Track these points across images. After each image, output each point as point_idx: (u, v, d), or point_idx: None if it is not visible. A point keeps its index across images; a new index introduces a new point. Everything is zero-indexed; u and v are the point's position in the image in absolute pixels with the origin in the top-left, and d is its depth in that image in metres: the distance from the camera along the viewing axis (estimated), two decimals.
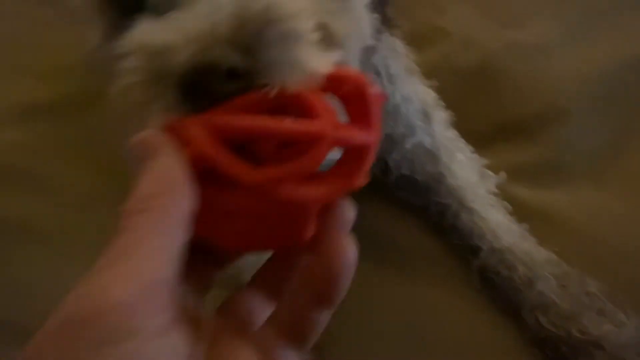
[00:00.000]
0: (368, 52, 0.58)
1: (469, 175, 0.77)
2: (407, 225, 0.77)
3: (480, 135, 0.86)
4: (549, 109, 0.87)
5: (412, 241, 0.75)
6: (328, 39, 0.36)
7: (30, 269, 0.78)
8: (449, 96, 0.83)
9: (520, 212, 0.77)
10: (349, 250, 0.30)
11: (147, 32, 0.32)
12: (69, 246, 0.80)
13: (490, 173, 0.80)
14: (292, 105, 0.30)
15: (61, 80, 0.99)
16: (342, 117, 0.31)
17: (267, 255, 0.36)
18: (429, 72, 0.84)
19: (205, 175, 0.28)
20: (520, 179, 0.82)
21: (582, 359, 0.64)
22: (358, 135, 0.31)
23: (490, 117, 0.88)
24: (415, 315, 0.70)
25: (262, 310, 0.34)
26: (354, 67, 0.39)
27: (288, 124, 0.28)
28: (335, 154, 0.31)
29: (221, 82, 0.30)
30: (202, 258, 0.33)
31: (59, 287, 0.75)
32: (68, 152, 0.91)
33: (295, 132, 0.29)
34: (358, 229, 0.73)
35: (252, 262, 0.41)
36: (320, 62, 0.31)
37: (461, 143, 0.81)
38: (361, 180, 0.32)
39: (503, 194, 0.79)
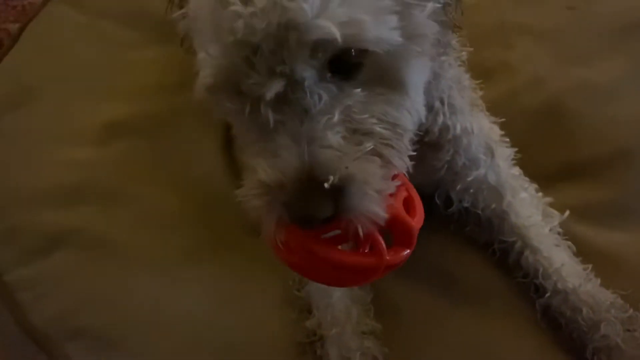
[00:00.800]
0: (433, 80, 0.62)
1: (533, 214, 0.79)
2: (472, 260, 0.79)
3: (545, 174, 0.87)
4: (615, 150, 0.88)
5: (476, 277, 0.77)
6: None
7: (112, 281, 0.83)
8: (514, 133, 0.84)
9: (584, 251, 0.78)
10: None
11: (265, 171, 0.48)
12: (150, 263, 0.85)
13: (555, 212, 0.81)
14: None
15: (141, 100, 1.04)
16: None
17: None
18: (494, 108, 0.86)
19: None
20: (585, 218, 0.83)
21: None
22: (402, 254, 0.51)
23: (556, 157, 0.90)
24: (479, 349, 0.73)
25: None
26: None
27: (354, 257, 0.50)
28: None
29: (314, 212, 0.47)
30: None
31: (139, 300, 0.81)
32: (148, 172, 0.96)
33: (357, 263, 0.50)
34: (425, 264, 0.76)
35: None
36: (382, 210, 0.48)
37: (525, 181, 0.82)
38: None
39: (567, 233, 0.80)
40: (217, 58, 0.48)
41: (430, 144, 0.69)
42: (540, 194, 0.83)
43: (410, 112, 0.54)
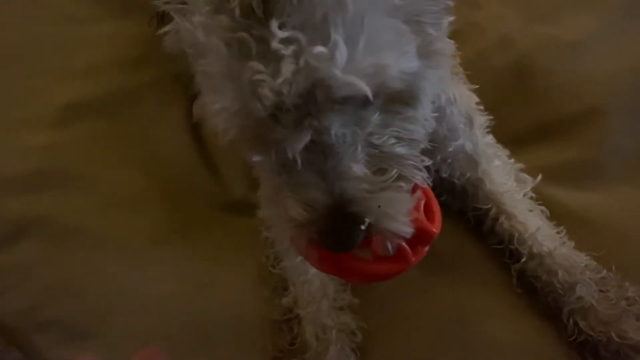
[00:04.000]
0: None
1: (507, 181, 0.78)
2: (445, 229, 0.78)
3: (516, 136, 0.87)
4: (586, 108, 0.87)
5: (451, 245, 0.76)
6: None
7: (80, 269, 0.81)
8: (484, 95, 0.82)
9: (557, 214, 0.78)
10: None
11: (296, 210, 0.50)
12: (119, 247, 0.83)
13: (527, 177, 0.80)
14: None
15: (100, 78, 1.00)
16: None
17: None
18: (464, 70, 0.84)
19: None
20: (557, 180, 0.82)
21: None
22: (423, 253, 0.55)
23: (527, 118, 0.89)
24: (456, 317, 0.72)
25: None
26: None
27: (384, 265, 0.54)
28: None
29: (348, 244, 0.50)
30: None
31: (109, 286, 0.79)
32: (111, 153, 0.93)
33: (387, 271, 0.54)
34: None
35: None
36: (409, 228, 0.51)
37: (498, 148, 0.82)
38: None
39: (540, 196, 0.79)
40: (241, 117, 0.48)
41: None
42: (512, 160, 0.82)
43: (424, 124, 0.55)
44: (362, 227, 0.49)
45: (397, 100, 0.51)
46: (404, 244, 0.52)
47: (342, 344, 0.70)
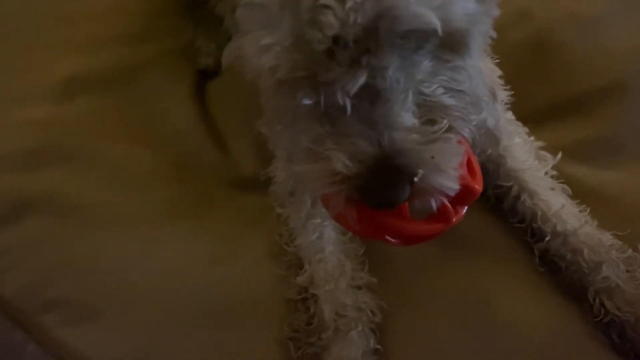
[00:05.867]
0: None
1: (528, 158, 0.76)
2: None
3: (536, 113, 0.85)
4: (607, 83, 0.85)
5: (471, 224, 0.73)
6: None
7: (85, 247, 0.79)
8: (503, 71, 0.79)
9: (578, 193, 0.76)
10: None
11: (342, 162, 0.46)
12: (125, 224, 0.81)
13: (547, 155, 0.78)
14: None
15: (103, 51, 0.96)
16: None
17: None
18: None
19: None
20: (577, 158, 0.80)
21: None
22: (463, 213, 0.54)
23: (546, 94, 0.87)
24: (476, 297, 0.71)
25: None
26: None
27: (426, 226, 0.52)
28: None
29: (395, 198, 0.47)
30: None
31: (116, 265, 0.78)
32: (115, 128, 0.90)
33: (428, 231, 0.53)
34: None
35: None
36: (455, 184, 0.48)
37: (518, 125, 0.79)
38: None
39: (561, 174, 0.77)
40: (294, 51, 0.44)
41: None
42: (532, 138, 0.80)
43: (472, 75, 0.51)
44: (415, 179, 0.45)
45: (447, 46, 0.47)
46: (446, 202, 0.50)
47: (361, 323, 0.68)
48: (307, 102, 0.47)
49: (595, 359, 0.66)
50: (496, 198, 0.76)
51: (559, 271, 0.70)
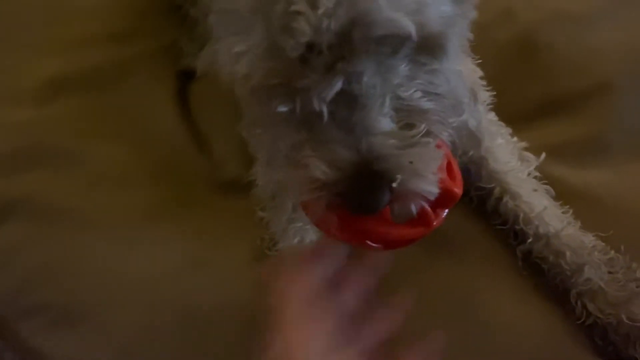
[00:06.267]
0: None
1: (510, 159, 0.75)
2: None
3: (519, 113, 0.84)
4: (592, 83, 0.84)
5: (453, 225, 0.73)
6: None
7: (68, 250, 0.78)
8: (486, 72, 0.79)
9: (561, 193, 0.75)
10: None
11: (320, 169, 0.45)
12: (108, 227, 0.80)
13: (531, 155, 0.78)
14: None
15: (85, 52, 0.95)
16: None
17: None
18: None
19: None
20: (561, 158, 0.79)
21: (631, 346, 0.63)
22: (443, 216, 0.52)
23: (530, 94, 0.86)
24: (459, 300, 0.70)
25: None
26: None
27: (407, 230, 0.51)
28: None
29: (375, 204, 0.46)
30: None
31: (99, 269, 0.76)
32: (98, 129, 0.89)
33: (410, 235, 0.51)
34: None
35: None
36: (435, 188, 0.47)
37: (501, 126, 0.79)
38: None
39: (544, 175, 0.77)
40: (268, 59, 0.43)
41: None
42: (515, 138, 0.79)
43: (449, 78, 0.50)
44: (394, 185, 0.45)
45: (423, 50, 0.47)
46: (426, 206, 0.49)
47: None
48: (282, 109, 0.46)
49: None
50: (479, 200, 0.75)
51: (541, 273, 0.70)
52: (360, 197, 0.46)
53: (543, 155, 0.78)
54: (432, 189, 0.47)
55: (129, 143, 0.88)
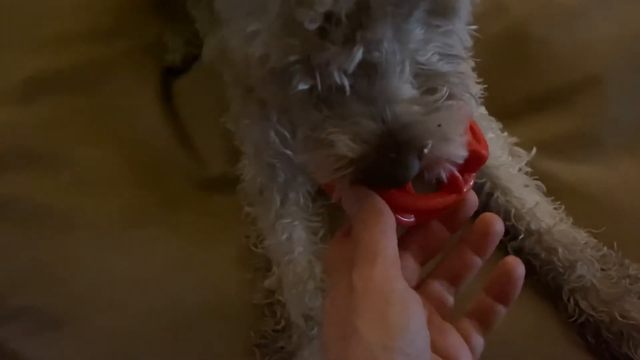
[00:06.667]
0: None
1: (501, 154, 0.74)
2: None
3: (509, 108, 0.82)
4: (582, 78, 0.82)
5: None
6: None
7: (51, 253, 0.76)
8: (476, 65, 0.77)
9: (553, 188, 0.74)
10: (518, 269, 0.49)
11: (347, 145, 0.44)
12: (91, 229, 0.79)
13: (522, 151, 0.76)
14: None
15: (68, 51, 0.94)
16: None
17: None
18: None
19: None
20: (552, 153, 0.78)
21: (624, 344, 0.62)
22: (472, 182, 0.51)
23: (520, 88, 0.85)
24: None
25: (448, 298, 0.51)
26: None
27: (439, 199, 0.49)
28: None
29: (406, 175, 0.44)
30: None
31: (82, 271, 0.75)
32: (81, 130, 0.88)
33: (441, 205, 0.49)
34: None
35: None
36: (463, 151, 0.46)
37: (492, 121, 0.77)
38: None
39: (535, 170, 0.76)
40: (285, 35, 0.41)
41: None
42: (505, 133, 0.78)
43: (462, 38, 0.50)
44: (425, 151, 0.43)
45: (436, 12, 0.45)
46: (455, 172, 0.48)
47: None
48: (303, 87, 0.44)
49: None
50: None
51: (533, 270, 0.68)
52: (391, 169, 0.44)
53: (534, 150, 0.77)
54: (462, 152, 0.46)
55: (113, 143, 0.86)
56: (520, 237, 0.68)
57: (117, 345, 0.70)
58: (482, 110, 0.76)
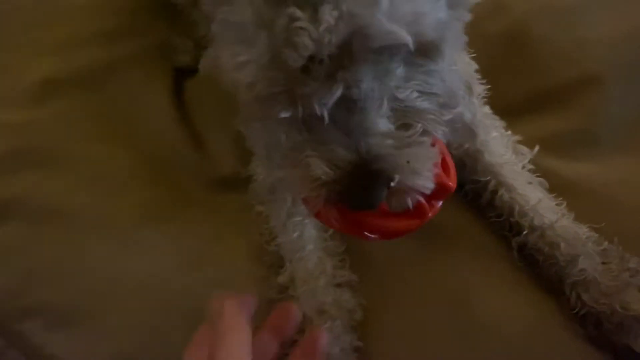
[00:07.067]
0: None
1: (505, 152, 0.76)
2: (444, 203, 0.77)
3: (511, 106, 0.84)
4: (582, 76, 0.84)
5: (449, 219, 0.74)
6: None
7: (64, 251, 0.78)
8: (478, 65, 0.79)
9: (555, 185, 0.76)
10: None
11: (321, 168, 0.48)
12: (103, 228, 0.80)
13: (525, 148, 0.79)
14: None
15: (78, 52, 0.95)
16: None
17: None
18: None
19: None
20: (554, 151, 0.80)
21: (624, 335, 0.64)
22: (438, 207, 0.57)
23: (520, 88, 0.86)
24: (455, 292, 0.71)
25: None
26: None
27: (403, 222, 0.55)
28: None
29: (373, 201, 0.49)
30: None
31: (95, 269, 0.77)
32: (92, 130, 0.89)
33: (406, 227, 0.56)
34: None
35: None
36: (430, 183, 0.50)
37: (495, 119, 0.79)
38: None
39: (537, 167, 0.78)
40: (271, 69, 0.45)
41: None
42: (509, 132, 0.80)
43: (444, 78, 0.52)
44: (392, 184, 0.48)
45: (420, 52, 0.48)
46: (421, 199, 0.52)
47: (341, 321, 0.68)
48: (285, 114, 0.48)
49: (572, 351, 0.66)
50: (474, 193, 0.76)
51: (536, 265, 0.71)
52: (359, 194, 0.48)
53: (537, 148, 0.79)
54: (428, 184, 0.50)
55: (124, 143, 0.88)
56: (524, 232, 0.71)
57: (133, 340, 0.71)
58: (486, 109, 0.78)
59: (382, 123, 0.48)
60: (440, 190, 0.54)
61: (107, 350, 0.71)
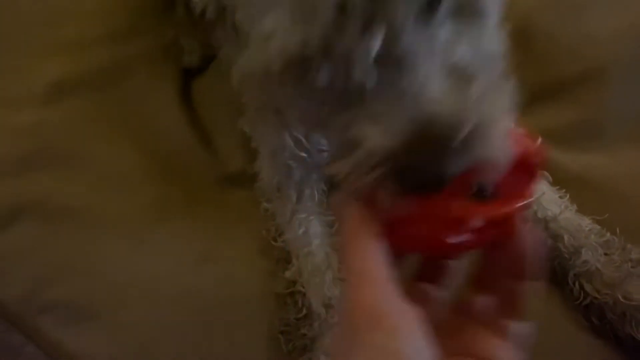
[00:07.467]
0: None
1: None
2: None
3: (515, 98, 0.85)
4: (587, 69, 0.85)
5: None
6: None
7: (79, 249, 0.80)
8: None
9: (558, 177, 0.77)
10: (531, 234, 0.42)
11: (376, 140, 0.39)
12: (116, 226, 0.82)
13: None
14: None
15: (88, 52, 0.96)
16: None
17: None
18: None
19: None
20: (558, 142, 0.81)
21: (627, 325, 0.65)
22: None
23: (526, 80, 0.85)
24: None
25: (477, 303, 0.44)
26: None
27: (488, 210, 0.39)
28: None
29: (445, 172, 0.37)
30: None
31: (110, 266, 0.79)
32: (104, 130, 0.90)
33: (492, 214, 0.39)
34: None
35: None
36: (507, 153, 0.40)
37: None
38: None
39: None
40: (300, 29, 0.39)
41: None
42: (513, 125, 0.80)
43: (492, 33, 0.47)
44: (464, 148, 0.38)
45: (461, 10, 0.43)
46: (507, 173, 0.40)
47: None
48: (324, 81, 0.42)
49: (576, 341, 0.67)
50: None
51: None
52: (428, 165, 0.38)
53: (539, 140, 0.79)
54: (506, 149, 0.40)
55: (135, 142, 0.89)
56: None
57: (146, 335, 0.74)
58: None
59: (438, 83, 0.40)
60: (524, 163, 0.42)
61: (122, 344, 0.73)
